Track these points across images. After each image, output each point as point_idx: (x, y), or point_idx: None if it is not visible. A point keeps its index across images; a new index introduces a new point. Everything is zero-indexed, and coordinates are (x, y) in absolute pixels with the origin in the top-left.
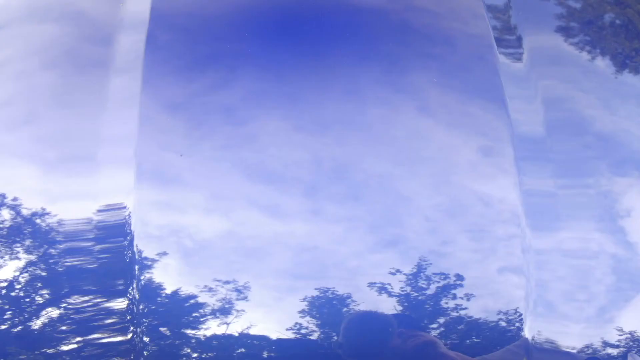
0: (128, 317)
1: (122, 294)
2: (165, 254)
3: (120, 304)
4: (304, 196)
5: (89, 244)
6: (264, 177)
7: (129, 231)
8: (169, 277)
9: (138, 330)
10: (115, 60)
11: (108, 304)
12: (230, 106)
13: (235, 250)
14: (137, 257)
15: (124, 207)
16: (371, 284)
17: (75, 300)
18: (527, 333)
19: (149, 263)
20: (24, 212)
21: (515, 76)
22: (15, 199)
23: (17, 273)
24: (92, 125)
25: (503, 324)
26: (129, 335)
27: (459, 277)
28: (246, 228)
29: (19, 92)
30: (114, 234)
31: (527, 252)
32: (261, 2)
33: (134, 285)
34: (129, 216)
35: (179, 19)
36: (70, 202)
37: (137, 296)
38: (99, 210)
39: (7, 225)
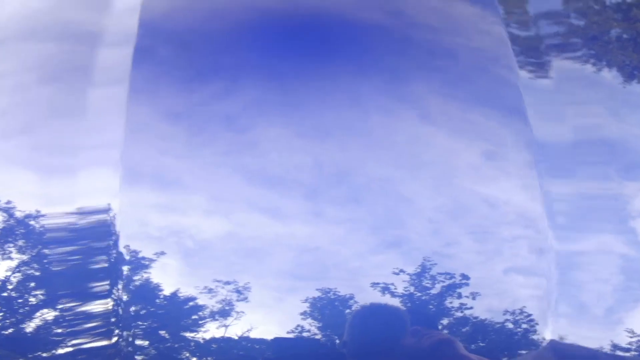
0: (113, 320)
1: (107, 296)
2: (163, 253)
3: (106, 305)
4: (307, 199)
5: (78, 247)
6: (266, 180)
7: (117, 233)
8: (168, 277)
9: (124, 333)
10: (104, 70)
11: (99, 307)
12: (229, 114)
13: (236, 251)
14: (127, 258)
15: (110, 209)
16: (374, 284)
17: (66, 303)
18: (549, 335)
19: (146, 263)
20: (18, 214)
21: (535, 86)
22: (8, 202)
23: (10, 273)
24: (82, 132)
25: (524, 325)
26: (114, 339)
27: (469, 278)
28: (247, 229)
29: (11, 101)
30: (103, 236)
31: (547, 253)
32: (261, 8)
33: (120, 287)
34: (114, 218)
35: (168, 30)
36: (66, 206)
37: (124, 298)
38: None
39: (6, 227)
